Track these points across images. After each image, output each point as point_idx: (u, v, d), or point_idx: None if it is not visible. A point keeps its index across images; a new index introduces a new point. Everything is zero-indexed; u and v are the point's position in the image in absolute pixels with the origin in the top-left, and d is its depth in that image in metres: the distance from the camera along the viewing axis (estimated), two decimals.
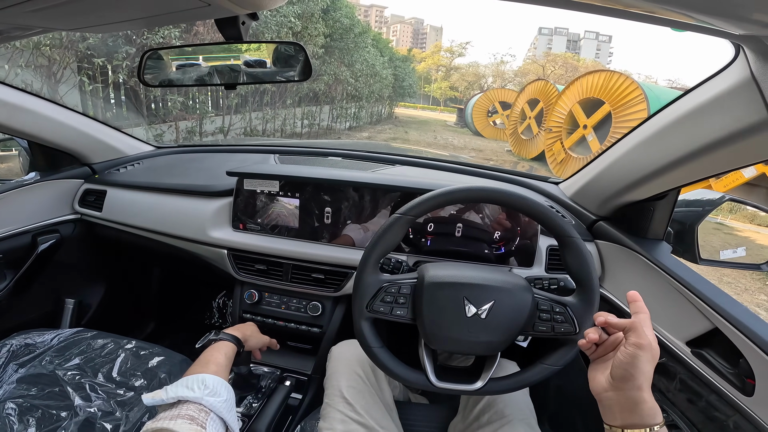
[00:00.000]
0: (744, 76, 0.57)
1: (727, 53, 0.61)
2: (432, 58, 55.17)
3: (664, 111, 0.77)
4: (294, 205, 1.15)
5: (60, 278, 1.43)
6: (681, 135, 0.72)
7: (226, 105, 7.77)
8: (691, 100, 0.69)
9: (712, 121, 0.65)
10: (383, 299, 0.71)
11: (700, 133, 0.68)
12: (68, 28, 0.68)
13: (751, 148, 0.63)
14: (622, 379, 0.54)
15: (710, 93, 0.65)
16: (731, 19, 0.37)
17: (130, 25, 0.67)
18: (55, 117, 1.22)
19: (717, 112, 0.64)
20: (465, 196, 0.74)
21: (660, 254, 0.91)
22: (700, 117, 0.68)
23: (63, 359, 0.97)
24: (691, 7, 0.35)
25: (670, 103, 0.76)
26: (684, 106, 0.71)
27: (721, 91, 0.62)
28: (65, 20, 0.59)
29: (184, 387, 0.62)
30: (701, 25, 0.40)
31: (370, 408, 0.84)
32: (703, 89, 0.67)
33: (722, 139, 0.64)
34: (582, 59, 51.39)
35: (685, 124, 0.71)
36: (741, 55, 0.56)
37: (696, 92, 0.69)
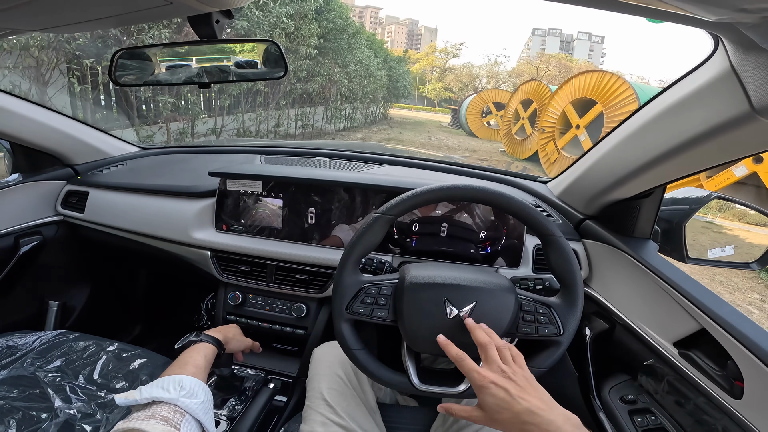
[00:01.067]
0: (724, 68, 0.56)
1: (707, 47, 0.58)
2: (426, 59, 55.28)
3: (647, 107, 0.76)
4: (278, 205, 1.13)
5: (43, 280, 1.40)
6: (663, 131, 0.71)
7: (218, 106, 7.72)
8: (672, 95, 0.68)
9: (693, 115, 0.64)
10: (363, 300, 0.70)
11: (682, 128, 0.67)
12: (33, 29, 0.66)
13: (734, 142, 0.62)
14: None
15: (691, 87, 0.64)
16: (704, 4, 0.36)
17: (96, 24, 0.65)
18: (36, 118, 1.20)
19: (698, 106, 0.63)
20: (446, 195, 0.73)
21: (646, 253, 0.90)
22: (682, 112, 0.67)
23: (44, 361, 0.96)
24: None
25: (653, 98, 0.75)
26: (665, 101, 0.70)
27: (701, 85, 0.61)
28: (28, 20, 0.57)
29: (159, 388, 0.61)
30: (675, 12, 0.39)
31: (352, 410, 0.83)
32: (684, 83, 0.66)
33: (705, 133, 0.63)
34: (575, 60, 51.78)
35: (666, 119, 0.70)
36: (720, 47, 0.55)
37: (677, 87, 0.68)
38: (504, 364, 0.56)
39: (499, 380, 0.54)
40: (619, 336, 0.97)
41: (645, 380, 0.91)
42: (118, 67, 0.75)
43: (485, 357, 0.57)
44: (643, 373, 0.91)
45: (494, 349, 0.57)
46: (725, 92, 0.57)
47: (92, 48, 4.83)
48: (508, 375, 0.55)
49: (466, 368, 0.56)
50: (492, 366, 0.56)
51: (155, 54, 0.76)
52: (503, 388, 0.53)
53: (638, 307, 0.90)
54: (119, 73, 0.76)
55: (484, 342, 0.58)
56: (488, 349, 0.57)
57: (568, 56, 53.97)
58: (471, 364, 0.57)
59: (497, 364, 0.56)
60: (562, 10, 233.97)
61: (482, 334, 0.59)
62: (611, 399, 0.91)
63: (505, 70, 48.58)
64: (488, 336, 0.59)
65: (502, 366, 0.56)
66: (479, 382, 0.55)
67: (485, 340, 0.58)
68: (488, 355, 0.57)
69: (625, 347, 0.95)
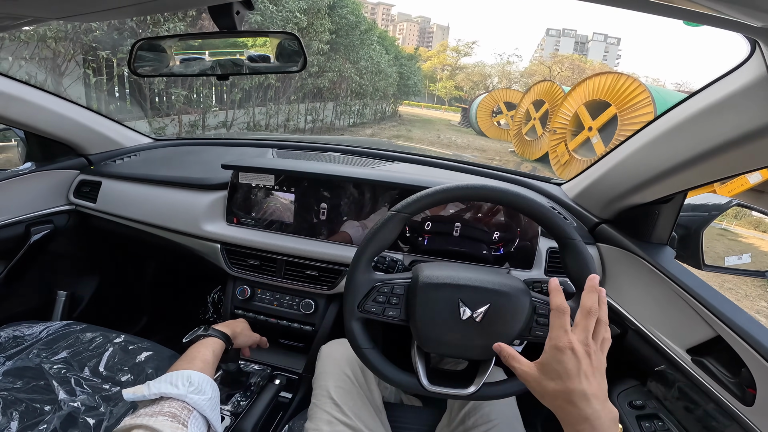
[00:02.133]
0: (759, 74, 0.54)
1: (740, 53, 0.59)
2: (438, 57, 55.02)
3: (674, 111, 0.74)
4: (289, 200, 1.13)
5: (52, 270, 1.41)
6: (691, 135, 0.70)
7: (229, 99, 7.77)
8: (702, 100, 0.66)
9: (724, 121, 0.63)
10: (375, 299, 0.69)
11: (712, 133, 0.65)
12: (58, 17, 0.66)
13: (766, 149, 0.61)
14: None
15: (723, 92, 0.62)
16: (752, 9, 0.34)
17: (118, 13, 0.65)
18: (51, 108, 1.20)
19: (730, 112, 0.61)
20: (463, 194, 0.71)
21: (664, 259, 0.88)
22: (712, 117, 0.65)
23: (50, 352, 0.95)
24: None
25: (680, 102, 0.73)
26: (695, 105, 0.68)
27: (734, 90, 0.60)
28: (53, 9, 0.57)
29: (168, 383, 0.60)
30: (718, 16, 0.37)
31: (358, 409, 0.82)
32: (715, 88, 0.64)
33: (735, 140, 0.61)
34: (589, 61, 51.20)
35: (695, 124, 0.68)
36: (757, 52, 0.53)
37: (707, 91, 0.66)
38: (592, 340, 0.51)
39: (579, 350, 0.50)
40: (631, 341, 0.96)
41: (654, 386, 0.90)
42: (137, 58, 0.75)
43: (582, 323, 0.52)
44: (653, 379, 0.90)
45: (593, 321, 0.52)
46: (760, 98, 0.56)
47: (108, 40, 4.88)
48: (590, 351, 0.50)
49: (558, 323, 0.52)
50: (580, 334, 0.51)
51: (173, 46, 0.76)
52: (577, 360, 0.49)
53: (652, 313, 0.89)
54: (138, 64, 0.75)
55: (590, 308, 0.52)
56: (589, 318, 0.52)
57: (582, 57, 53.39)
58: (567, 322, 0.52)
59: (586, 335, 0.51)
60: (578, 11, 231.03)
61: (593, 300, 0.53)
62: (619, 404, 0.90)
63: (517, 69, 48.17)
64: (597, 305, 0.53)
65: (590, 340, 0.51)
66: (560, 342, 0.50)
67: (592, 306, 0.52)
68: (586, 323, 0.52)
69: (636, 353, 0.94)
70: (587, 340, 0.51)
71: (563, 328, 0.51)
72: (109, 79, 5.41)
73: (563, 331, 0.51)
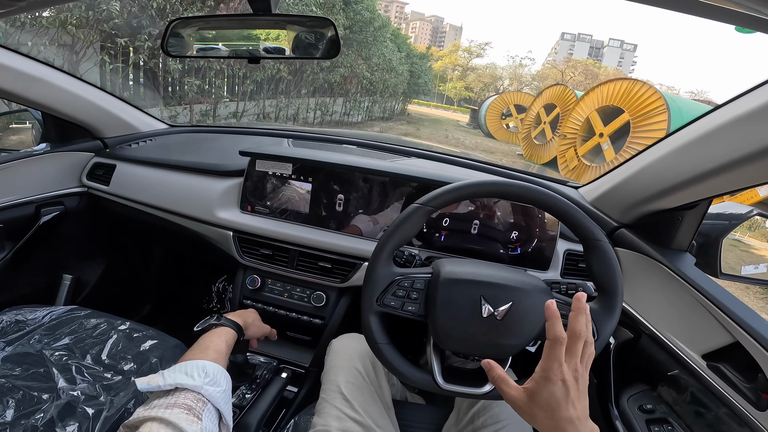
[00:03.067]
0: None
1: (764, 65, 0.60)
2: (449, 57, 54.86)
3: (707, 117, 0.73)
4: (306, 189, 1.12)
5: (60, 252, 1.41)
6: (726, 141, 0.68)
7: (241, 91, 7.79)
8: (741, 106, 0.65)
9: (762, 128, 0.61)
10: (395, 293, 0.68)
11: (749, 140, 0.63)
12: None
13: None
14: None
15: (764, 99, 0.60)
16: None
17: None
18: (71, 90, 1.20)
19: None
20: (489, 191, 0.70)
21: (684, 265, 0.87)
22: (750, 123, 0.63)
23: (52, 338, 0.93)
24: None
25: (714, 109, 0.72)
26: (731, 111, 0.66)
27: None
28: None
29: (183, 374, 0.58)
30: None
31: (368, 406, 0.81)
32: (755, 95, 0.62)
33: None
34: (603, 66, 50.77)
35: (732, 129, 0.67)
36: None
37: (746, 98, 0.64)
38: (580, 363, 0.52)
39: (569, 379, 0.50)
40: (644, 346, 0.96)
41: (665, 390, 0.90)
42: (170, 37, 0.73)
43: (571, 349, 0.52)
44: (665, 384, 0.90)
45: (582, 343, 0.52)
46: None
47: (127, 28, 4.90)
48: (578, 376, 0.51)
49: (554, 354, 0.51)
50: (571, 362, 0.52)
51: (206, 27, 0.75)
52: (566, 389, 0.50)
53: (669, 318, 0.88)
54: (171, 43, 0.74)
55: (579, 332, 0.52)
56: (579, 342, 0.52)
57: (596, 62, 52.94)
58: (562, 353, 0.52)
59: (577, 361, 0.52)
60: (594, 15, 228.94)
61: (581, 323, 0.53)
62: (629, 408, 0.90)
63: (529, 72, 47.91)
64: (585, 328, 0.53)
65: (579, 365, 0.52)
66: (553, 374, 0.51)
67: (581, 330, 0.52)
68: (575, 348, 0.52)
69: (649, 357, 0.93)
70: (577, 366, 0.52)
71: (558, 360, 0.51)
72: (125, 65, 5.44)
73: (558, 363, 0.51)
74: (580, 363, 0.52)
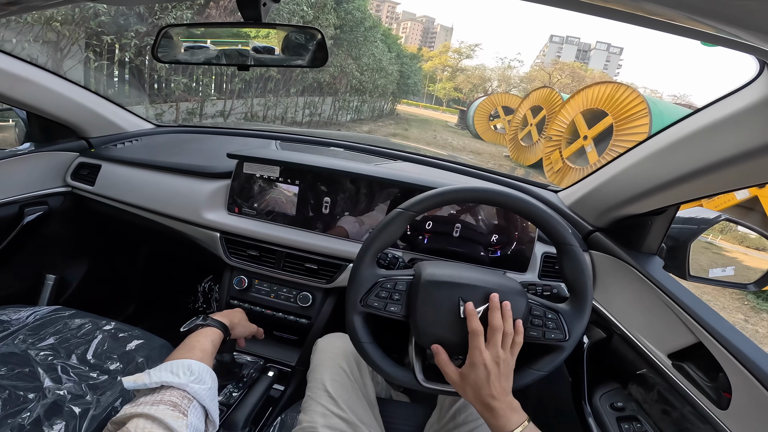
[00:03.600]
0: (765, 95, 0.56)
1: (745, 71, 0.62)
2: (439, 57, 55.05)
3: (676, 126, 0.76)
4: (293, 192, 1.14)
5: (43, 252, 1.40)
6: (692, 150, 0.71)
7: (229, 89, 7.71)
8: (706, 116, 0.68)
9: (725, 138, 0.64)
10: (378, 294, 0.70)
11: (712, 149, 0.67)
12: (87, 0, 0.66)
13: (763, 168, 0.63)
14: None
15: (727, 110, 0.64)
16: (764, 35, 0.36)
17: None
18: (56, 89, 1.19)
19: (732, 130, 0.63)
20: (469, 197, 0.73)
21: (652, 268, 0.91)
22: (714, 133, 0.67)
23: (37, 338, 0.93)
24: (720, 19, 0.34)
25: (683, 118, 0.75)
26: (698, 121, 0.70)
27: (738, 109, 0.61)
28: None
29: (169, 372, 0.59)
30: (730, 38, 0.39)
31: (353, 403, 0.83)
32: (720, 106, 0.66)
33: (734, 157, 0.63)
34: (590, 69, 51.55)
35: (697, 139, 0.70)
36: (765, 74, 0.55)
37: (712, 108, 0.68)
38: (501, 350, 0.64)
39: (489, 363, 0.62)
40: (615, 345, 0.99)
41: (635, 389, 0.93)
42: (161, 44, 0.74)
43: (491, 339, 0.64)
44: (634, 382, 0.93)
45: (500, 335, 0.64)
46: (762, 118, 0.57)
47: (114, 25, 4.82)
48: (498, 360, 0.63)
49: (474, 343, 0.64)
50: (492, 350, 0.63)
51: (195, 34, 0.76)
52: (487, 371, 0.62)
53: (638, 319, 0.92)
54: (162, 50, 0.75)
55: (496, 326, 0.64)
56: (496, 333, 0.64)
57: (582, 65, 53.72)
58: (481, 342, 0.64)
59: (497, 349, 0.63)
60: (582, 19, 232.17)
61: (498, 318, 0.65)
62: (601, 405, 0.93)
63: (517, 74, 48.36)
64: (501, 321, 0.65)
65: (500, 351, 0.63)
66: (475, 359, 0.63)
67: (497, 324, 0.64)
68: (494, 338, 0.64)
69: (620, 356, 0.97)
70: (497, 353, 0.63)
71: (478, 349, 0.63)
72: (110, 63, 5.35)
73: (478, 350, 0.63)
74: (502, 350, 0.64)
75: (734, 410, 0.68)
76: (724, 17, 0.34)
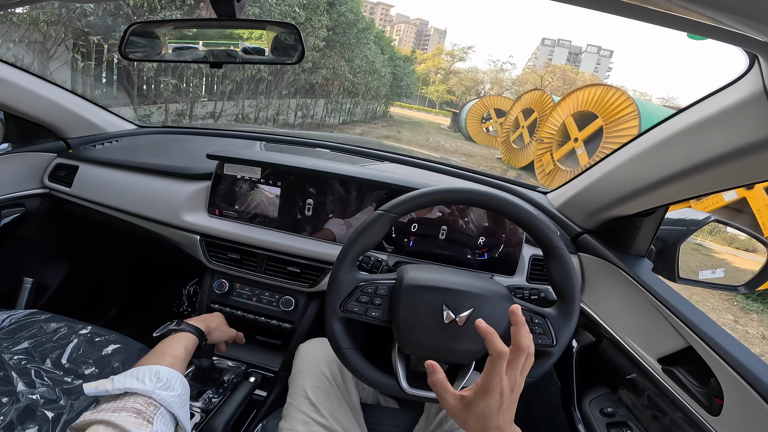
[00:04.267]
0: (755, 90, 0.54)
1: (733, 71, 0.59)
2: (432, 60, 55.38)
3: (664, 124, 0.75)
4: (275, 194, 1.11)
5: (20, 255, 1.36)
6: (680, 149, 0.70)
7: (219, 90, 7.65)
8: (695, 114, 0.67)
9: (715, 136, 0.63)
10: (358, 299, 0.68)
11: (702, 148, 0.65)
12: None
13: (752, 167, 0.61)
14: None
15: (717, 107, 0.62)
16: (756, 22, 0.34)
17: None
18: (32, 89, 1.16)
19: (722, 127, 0.61)
20: (451, 197, 0.71)
21: (642, 271, 0.90)
22: (703, 131, 0.65)
23: (11, 342, 0.92)
24: (711, 6, 0.32)
25: (671, 116, 0.73)
26: (686, 119, 0.68)
27: (728, 105, 0.60)
28: None
29: (134, 378, 0.57)
30: (721, 28, 0.37)
31: (335, 410, 0.81)
32: (709, 103, 0.64)
33: (724, 156, 0.62)
34: (581, 72, 52.20)
35: (685, 137, 0.69)
36: (755, 67, 0.54)
37: (700, 105, 0.66)
38: (519, 376, 0.53)
39: (506, 392, 0.51)
40: (605, 350, 0.98)
41: (625, 394, 0.91)
42: (129, 42, 0.72)
43: (514, 362, 0.52)
44: (624, 387, 0.92)
45: (524, 357, 0.53)
46: (753, 114, 0.56)
47: (101, 25, 4.77)
48: (515, 387, 0.52)
49: (497, 368, 0.51)
50: (511, 375, 0.52)
51: (167, 32, 0.73)
52: (501, 400, 0.51)
53: (627, 322, 0.91)
54: (129, 48, 0.72)
55: (525, 346, 0.53)
56: (521, 356, 0.53)
57: (573, 68, 54.38)
58: (503, 367, 0.52)
59: (516, 374, 0.53)
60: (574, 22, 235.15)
61: (528, 336, 0.53)
62: (591, 411, 0.91)
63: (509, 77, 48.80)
64: (531, 340, 0.54)
65: (518, 377, 0.53)
66: (492, 387, 0.51)
67: (527, 344, 0.53)
68: (517, 362, 0.53)
69: (610, 361, 0.95)
70: (515, 378, 0.52)
71: (499, 375, 0.51)
72: (97, 64, 5.28)
73: (498, 378, 0.51)
74: (519, 375, 0.53)
75: (726, 416, 0.66)
76: (715, 4, 0.32)
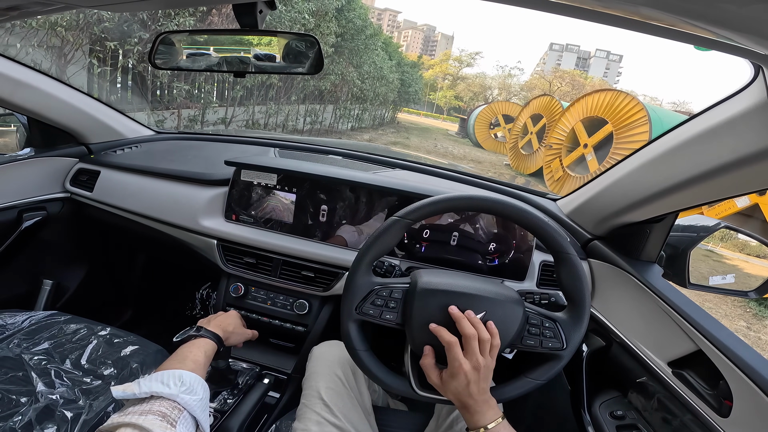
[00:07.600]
0: (760, 99, 0.55)
1: (742, 78, 0.60)
2: (440, 66, 55.48)
3: (672, 133, 0.76)
4: (290, 200, 1.14)
5: (41, 258, 1.40)
6: (688, 157, 0.71)
7: (230, 96, 7.77)
8: (702, 123, 0.68)
9: (722, 144, 0.64)
10: (373, 302, 0.70)
11: (709, 156, 0.67)
12: (87, 5, 0.66)
13: (760, 174, 0.62)
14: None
15: (723, 116, 0.63)
16: (759, 37, 0.36)
17: (149, 4, 0.65)
18: (57, 95, 1.20)
19: (728, 136, 0.63)
20: (465, 205, 0.73)
21: (652, 276, 0.90)
22: (711, 140, 0.66)
23: (32, 343, 0.93)
24: (716, 23, 0.34)
25: (680, 124, 0.75)
26: (694, 128, 0.70)
27: (734, 114, 0.61)
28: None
29: (159, 382, 0.59)
30: (725, 42, 0.39)
31: (348, 411, 0.82)
32: (715, 112, 0.65)
33: (731, 163, 0.63)
34: (590, 77, 51.85)
35: (693, 146, 0.70)
36: (760, 78, 0.55)
37: (707, 114, 0.67)
38: (480, 356, 0.63)
39: (469, 372, 0.62)
40: (615, 353, 0.98)
41: (635, 397, 0.92)
42: (158, 50, 0.75)
43: (467, 348, 0.63)
44: (634, 390, 0.92)
45: (476, 342, 0.63)
46: (758, 123, 0.57)
47: (117, 31, 4.88)
48: (479, 367, 0.63)
49: (453, 354, 0.63)
50: (471, 358, 0.63)
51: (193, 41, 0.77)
52: (467, 379, 0.62)
53: (637, 327, 0.92)
54: (158, 56, 0.75)
55: (469, 334, 0.63)
56: (471, 342, 0.63)
57: (582, 73, 54.11)
58: (459, 352, 0.63)
59: (476, 357, 0.63)
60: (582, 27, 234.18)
61: (468, 325, 0.64)
62: (600, 414, 0.92)
63: (517, 82, 48.67)
64: (473, 327, 0.64)
65: (479, 358, 0.63)
66: (456, 369, 0.63)
67: (470, 332, 0.63)
68: (470, 347, 0.63)
69: (620, 364, 0.96)
70: (477, 360, 0.63)
71: (457, 360, 0.63)
72: (113, 69, 5.40)
73: (457, 362, 0.63)
74: (481, 355, 0.63)
75: (735, 418, 0.67)
76: (721, 21, 0.34)
